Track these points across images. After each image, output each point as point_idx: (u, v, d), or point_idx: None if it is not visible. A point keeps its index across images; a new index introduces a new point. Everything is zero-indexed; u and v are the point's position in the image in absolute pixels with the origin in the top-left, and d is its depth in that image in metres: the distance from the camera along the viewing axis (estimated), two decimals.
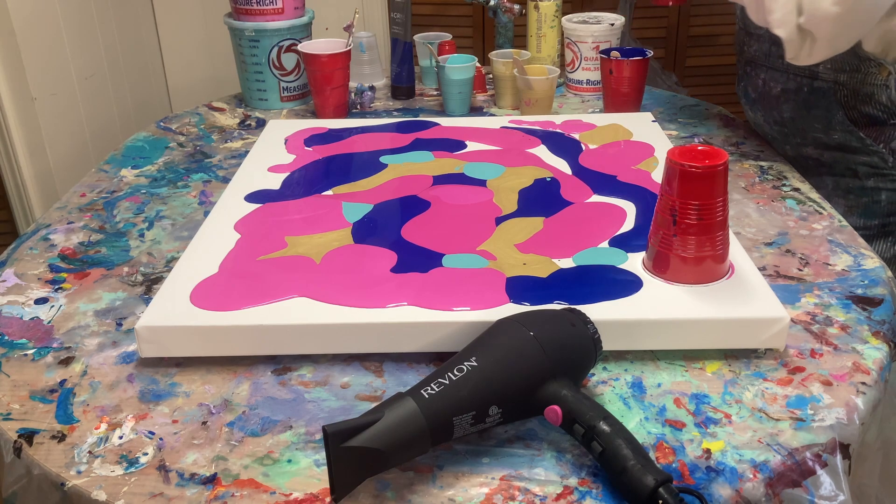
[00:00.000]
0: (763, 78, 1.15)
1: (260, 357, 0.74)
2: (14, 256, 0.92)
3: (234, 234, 0.87)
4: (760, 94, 1.17)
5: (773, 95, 1.14)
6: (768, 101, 1.15)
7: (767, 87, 1.15)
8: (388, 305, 0.73)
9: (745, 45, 1.19)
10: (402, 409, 0.57)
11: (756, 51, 1.15)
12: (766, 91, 1.15)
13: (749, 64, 1.18)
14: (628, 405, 0.67)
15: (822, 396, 0.67)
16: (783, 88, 1.12)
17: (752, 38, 1.15)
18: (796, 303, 0.80)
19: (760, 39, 1.14)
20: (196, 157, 1.19)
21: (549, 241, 0.85)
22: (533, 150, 1.08)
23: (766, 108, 1.16)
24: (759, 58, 1.15)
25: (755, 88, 1.18)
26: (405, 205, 0.93)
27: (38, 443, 0.64)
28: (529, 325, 0.63)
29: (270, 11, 1.33)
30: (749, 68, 1.19)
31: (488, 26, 2.21)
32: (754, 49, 1.15)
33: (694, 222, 0.72)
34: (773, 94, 1.13)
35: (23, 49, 1.41)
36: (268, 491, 0.59)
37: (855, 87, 1.04)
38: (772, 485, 0.60)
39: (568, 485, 0.59)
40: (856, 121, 1.06)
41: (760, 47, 1.14)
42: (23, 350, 0.76)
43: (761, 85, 1.16)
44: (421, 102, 1.41)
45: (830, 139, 1.09)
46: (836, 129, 1.07)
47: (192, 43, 2.04)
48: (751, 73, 1.18)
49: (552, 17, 1.42)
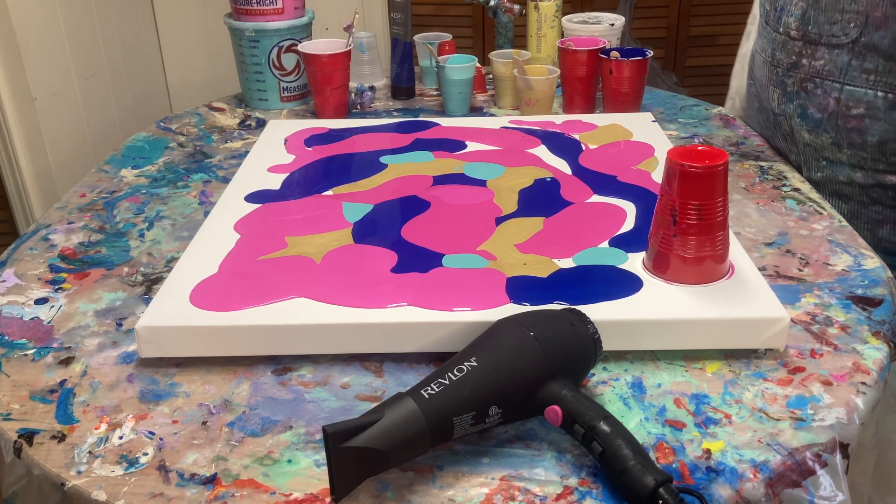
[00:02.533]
0: (836, 96, 1.00)
1: (260, 357, 0.74)
2: (14, 256, 0.92)
3: (234, 235, 0.87)
4: (832, 115, 1.01)
5: (853, 115, 0.99)
6: (844, 122, 1.00)
7: (843, 106, 1.00)
8: (389, 305, 0.73)
9: (802, 57, 1.04)
10: (402, 409, 0.57)
11: (825, 65, 1.01)
12: (842, 111, 1.00)
13: (809, 81, 1.03)
14: (628, 405, 0.67)
15: (822, 396, 0.67)
16: (868, 107, 0.98)
17: (820, 49, 1.01)
18: (796, 303, 0.80)
19: (836, 51, 1.00)
20: (196, 157, 1.19)
21: (549, 241, 0.85)
22: (533, 151, 1.08)
23: (841, 129, 1.01)
24: (829, 73, 1.00)
25: (822, 108, 1.02)
26: (405, 205, 0.94)
27: (38, 443, 0.64)
28: (529, 325, 0.63)
29: (270, 11, 1.33)
30: (811, 85, 1.03)
31: (488, 26, 2.21)
32: (821, 65, 1.01)
33: (694, 222, 0.72)
34: (853, 114, 0.99)
35: (23, 49, 1.41)
36: (268, 491, 0.59)
37: None
38: (772, 485, 0.60)
39: (568, 485, 0.59)
40: None
41: (833, 59, 0.99)
42: (23, 350, 0.76)
43: (833, 104, 1.01)
44: (421, 102, 1.41)
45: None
46: None
47: (192, 43, 2.04)
48: (814, 90, 1.03)
49: (552, 17, 1.42)
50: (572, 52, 1.24)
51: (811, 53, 1.03)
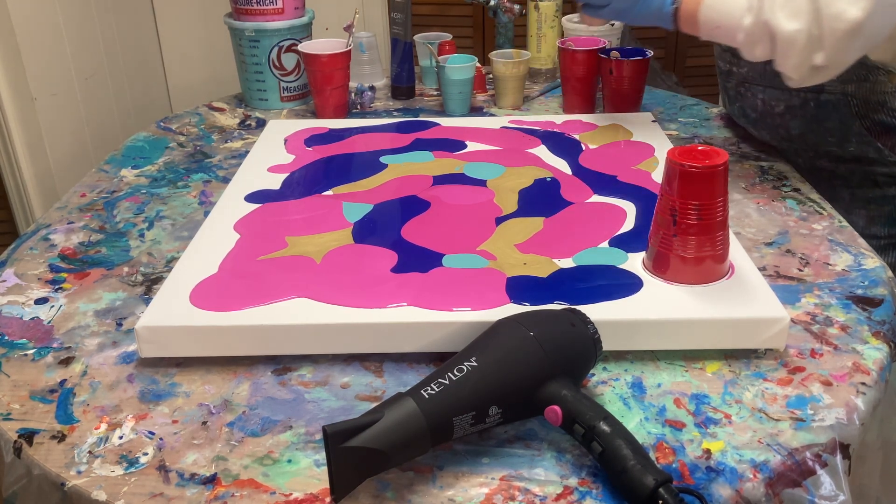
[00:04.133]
0: (762, 98, 1.09)
1: (260, 357, 0.74)
2: (14, 256, 0.92)
3: (234, 234, 0.87)
4: (762, 114, 1.11)
5: (777, 113, 1.08)
6: (772, 119, 1.09)
7: (768, 106, 1.08)
8: (389, 305, 0.73)
9: (733, 66, 1.12)
10: (402, 409, 0.57)
11: (749, 71, 1.09)
12: (768, 110, 1.09)
13: (742, 84, 1.12)
14: (628, 405, 0.67)
15: (822, 396, 0.67)
16: (787, 106, 1.06)
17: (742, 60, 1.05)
18: (796, 303, 0.80)
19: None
20: (196, 157, 1.19)
21: (550, 241, 0.85)
22: (533, 150, 1.08)
23: (771, 126, 1.11)
24: (753, 78, 1.09)
25: (754, 108, 1.12)
26: (405, 205, 0.94)
27: (38, 443, 0.64)
28: (529, 325, 0.63)
29: (270, 11, 1.33)
30: (742, 89, 1.12)
31: (488, 26, 2.21)
32: (746, 70, 1.09)
33: (694, 222, 0.72)
34: (777, 111, 1.08)
35: (23, 49, 1.41)
36: (268, 491, 0.59)
37: (865, 96, 0.99)
38: (772, 485, 0.60)
39: (568, 485, 0.59)
40: (870, 129, 1.02)
41: (754, 67, 1.07)
42: (23, 350, 0.76)
43: (761, 105, 1.09)
44: (421, 102, 1.41)
45: (845, 151, 1.05)
46: (852, 140, 1.03)
47: (192, 43, 2.04)
48: (745, 93, 1.12)
49: (552, 17, 1.42)
50: (572, 52, 1.24)
51: (737, 62, 1.11)
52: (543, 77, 1.48)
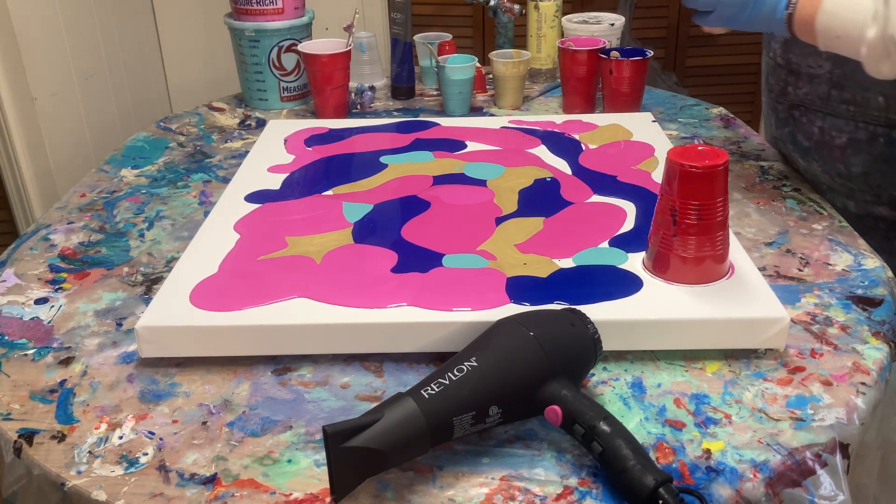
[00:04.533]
0: (820, 126, 0.97)
1: (260, 357, 0.74)
2: (14, 256, 0.92)
3: (234, 234, 0.87)
4: (817, 144, 0.99)
5: (837, 146, 0.96)
6: (829, 152, 0.98)
7: (827, 136, 0.97)
8: (389, 305, 0.73)
9: (788, 85, 1.02)
10: (402, 409, 0.57)
11: (808, 94, 0.98)
12: (826, 141, 0.97)
13: (796, 108, 1.01)
14: (628, 405, 0.67)
15: (822, 396, 0.67)
16: (851, 139, 0.94)
17: (801, 79, 0.98)
18: (796, 303, 0.80)
19: (815, 81, 0.97)
20: (196, 157, 1.19)
21: (550, 241, 0.85)
22: (533, 150, 1.08)
23: (827, 159, 0.99)
24: (812, 102, 0.98)
25: (808, 136, 1.00)
26: (405, 205, 0.94)
27: (38, 443, 0.64)
28: (529, 325, 0.63)
29: (270, 11, 1.33)
30: (797, 113, 1.01)
31: (488, 26, 2.21)
32: (804, 91, 0.98)
33: (694, 222, 0.72)
34: (837, 143, 0.96)
35: (23, 49, 1.42)
36: (268, 491, 0.59)
37: None
38: (772, 485, 0.60)
39: (568, 485, 0.59)
40: None
41: (815, 90, 0.96)
42: (23, 350, 0.76)
43: (818, 133, 0.98)
44: (421, 102, 1.41)
45: None
46: None
47: (192, 43, 2.04)
48: (800, 118, 1.00)
49: (552, 17, 1.42)
50: (572, 52, 1.24)
51: (794, 82, 1.01)
52: (543, 77, 1.48)
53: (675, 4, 2.25)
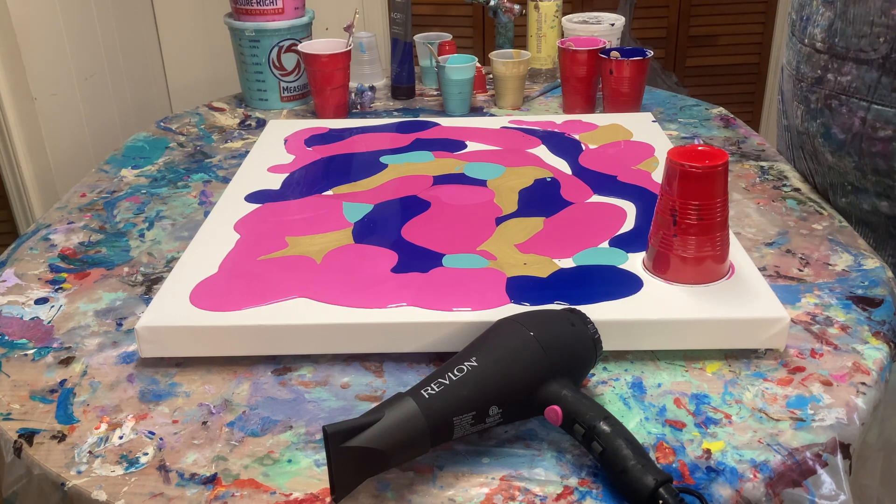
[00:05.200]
0: (862, 116, 0.91)
1: (260, 357, 0.74)
2: (14, 256, 0.92)
3: (234, 235, 0.87)
4: (857, 135, 0.93)
5: (880, 138, 0.90)
6: (869, 144, 0.92)
7: (869, 127, 0.91)
8: (389, 305, 0.73)
9: (828, 72, 0.95)
10: (402, 409, 0.57)
11: (853, 81, 0.92)
12: (868, 133, 0.91)
13: (836, 97, 0.94)
14: (628, 405, 0.67)
15: (822, 396, 0.67)
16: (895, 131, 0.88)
17: (847, 64, 0.92)
18: (796, 303, 0.80)
19: (865, 66, 0.91)
20: (196, 157, 1.19)
21: (550, 241, 0.85)
22: (533, 151, 1.08)
23: (866, 152, 0.93)
24: (857, 90, 0.91)
25: (846, 128, 0.94)
26: (405, 205, 0.94)
27: (38, 443, 0.64)
28: (529, 325, 0.63)
29: (270, 11, 1.33)
30: (835, 102, 0.95)
31: (488, 26, 2.21)
32: (849, 80, 0.92)
33: (694, 222, 0.72)
34: (881, 136, 0.90)
35: (23, 49, 1.42)
36: (268, 491, 0.59)
37: None
38: (772, 484, 0.60)
39: (568, 485, 0.59)
40: None
41: (862, 76, 0.90)
42: (23, 350, 0.76)
43: (858, 125, 0.92)
44: (421, 102, 1.41)
45: None
46: None
47: (192, 43, 2.04)
48: (839, 108, 0.94)
49: (552, 17, 1.42)
50: (572, 52, 1.24)
51: (837, 68, 0.94)
52: (543, 77, 1.48)
53: (675, 4, 2.25)
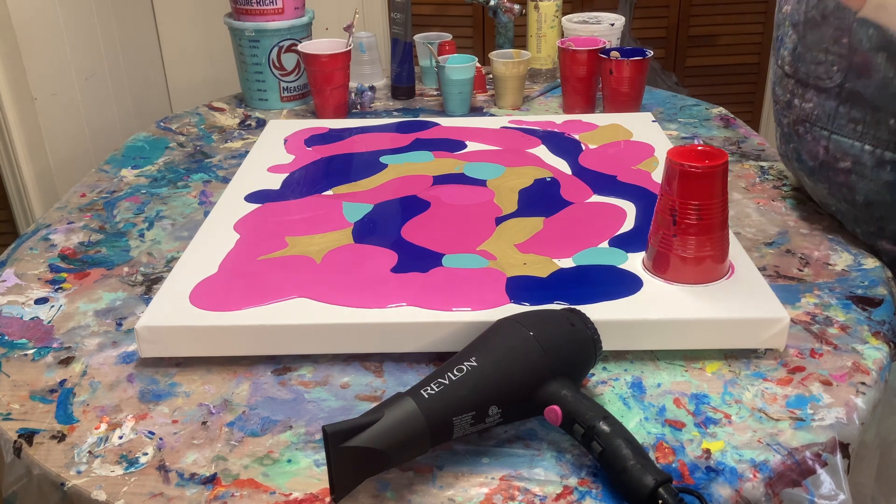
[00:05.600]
0: (825, 146, 0.87)
1: (260, 357, 0.74)
2: (14, 256, 0.92)
3: (233, 234, 0.87)
4: (822, 164, 0.89)
5: (841, 169, 0.86)
6: (834, 175, 0.88)
7: (832, 157, 0.86)
8: (388, 305, 0.73)
9: (794, 97, 0.91)
10: (402, 409, 0.57)
11: (814, 108, 0.87)
12: (830, 162, 0.87)
13: (801, 123, 0.90)
14: (628, 405, 0.67)
15: (821, 396, 0.67)
16: (856, 163, 0.84)
17: (809, 91, 0.87)
18: (796, 303, 0.80)
19: (824, 95, 0.86)
20: (196, 157, 1.19)
21: (549, 241, 0.85)
22: (533, 150, 1.08)
23: (832, 182, 0.89)
24: (818, 119, 0.87)
25: (813, 156, 0.89)
26: (405, 205, 0.94)
27: (38, 443, 0.65)
28: (529, 325, 0.63)
29: (270, 11, 1.33)
30: (801, 129, 0.90)
31: (488, 26, 2.21)
32: (811, 106, 0.88)
33: (694, 222, 0.72)
34: (841, 167, 0.86)
35: (23, 49, 1.41)
36: (268, 491, 0.59)
37: None
38: (772, 484, 0.60)
39: (568, 485, 0.59)
40: None
41: (822, 104, 0.86)
42: (23, 350, 0.76)
43: (822, 153, 0.88)
44: (421, 102, 1.41)
45: None
46: None
47: (192, 43, 2.04)
48: (805, 135, 0.90)
49: (552, 17, 1.42)
50: (572, 52, 1.24)
51: (802, 94, 0.90)
52: (543, 77, 1.48)
53: (675, 4, 2.24)
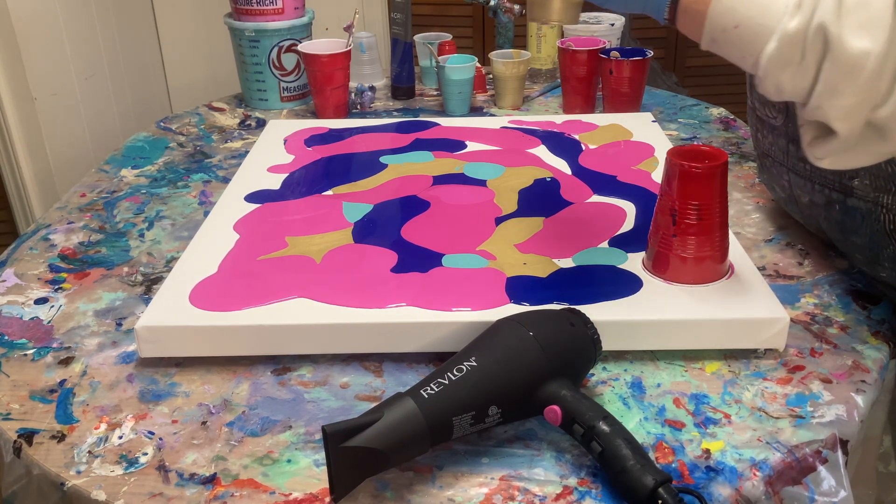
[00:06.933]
0: (787, 180, 0.85)
1: (260, 357, 0.74)
2: (14, 256, 0.92)
3: (233, 234, 0.87)
4: (789, 197, 0.87)
5: (805, 204, 0.84)
6: (801, 209, 0.86)
7: (793, 192, 0.85)
8: (388, 305, 0.73)
9: (758, 132, 0.89)
10: (402, 409, 0.57)
11: (772, 145, 0.86)
12: (794, 197, 0.86)
13: (766, 157, 0.89)
14: (628, 405, 0.67)
15: (821, 394, 0.67)
16: (811, 201, 0.82)
17: (766, 128, 0.85)
18: (796, 303, 0.80)
19: (776, 132, 0.84)
20: (196, 157, 1.19)
21: (549, 241, 0.85)
22: (533, 151, 1.08)
23: (800, 213, 0.88)
24: (775, 154, 0.85)
25: (782, 188, 0.88)
26: (405, 205, 0.94)
27: (37, 443, 0.65)
28: (529, 325, 0.63)
29: (270, 11, 1.33)
30: (767, 162, 0.89)
31: (488, 26, 2.21)
32: (769, 143, 0.86)
33: (694, 222, 0.72)
34: (803, 202, 0.84)
35: (23, 49, 1.41)
36: (267, 491, 0.59)
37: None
38: (772, 483, 0.60)
39: (567, 485, 0.59)
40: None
41: (776, 142, 0.84)
42: (23, 350, 0.76)
43: (787, 187, 0.86)
44: (421, 102, 1.41)
45: (877, 274, 0.79)
46: (884, 265, 0.77)
47: (192, 43, 2.04)
48: (771, 168, 0.88)
49: None
50: (572, 52, 1.24)
51: (762, 129, 0.87)
52: (543, 77, 1.48)
53: None
